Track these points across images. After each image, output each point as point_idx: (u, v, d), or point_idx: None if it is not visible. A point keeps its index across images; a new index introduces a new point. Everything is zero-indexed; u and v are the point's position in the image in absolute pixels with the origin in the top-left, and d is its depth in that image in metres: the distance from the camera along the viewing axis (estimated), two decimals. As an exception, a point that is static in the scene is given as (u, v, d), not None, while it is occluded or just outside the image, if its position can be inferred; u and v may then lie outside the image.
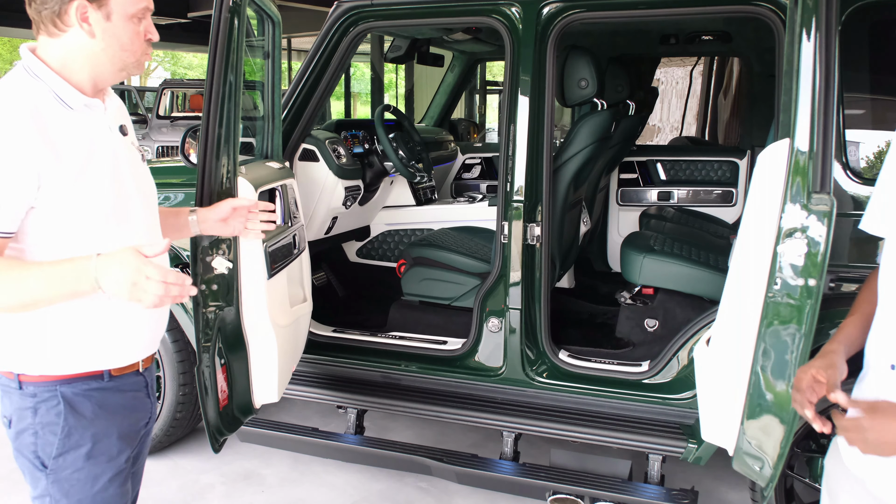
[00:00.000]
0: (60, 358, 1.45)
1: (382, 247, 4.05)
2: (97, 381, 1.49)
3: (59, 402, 1.44)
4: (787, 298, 1.84)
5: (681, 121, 7.37)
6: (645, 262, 2.98)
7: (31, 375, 1.44)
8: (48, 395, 1.44)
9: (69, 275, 1.29)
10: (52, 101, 1.39)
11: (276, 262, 2.45)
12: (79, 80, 1.44)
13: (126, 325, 1.52)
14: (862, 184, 2.15)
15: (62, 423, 1.45)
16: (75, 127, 1.41)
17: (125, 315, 1.50)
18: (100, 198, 1.42)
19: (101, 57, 1.44)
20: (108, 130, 1.48)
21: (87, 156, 1.40)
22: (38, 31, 1.43)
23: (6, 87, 1.38)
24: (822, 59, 1.81)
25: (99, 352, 1.49)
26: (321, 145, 3.38)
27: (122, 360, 1.53)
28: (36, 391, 1.44)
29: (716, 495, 2.94)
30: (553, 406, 2.73)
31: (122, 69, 1.47)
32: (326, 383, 2.96)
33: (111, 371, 1.51)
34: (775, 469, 1.94)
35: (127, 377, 1.55)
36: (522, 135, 2.60)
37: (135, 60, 1.48)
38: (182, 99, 13.00)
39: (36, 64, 1.42)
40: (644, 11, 2.52)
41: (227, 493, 2.96)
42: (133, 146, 1.58)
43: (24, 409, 1.45)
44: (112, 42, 1.43)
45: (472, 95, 10.54)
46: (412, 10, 2.77)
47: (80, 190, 1.38)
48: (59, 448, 1.45)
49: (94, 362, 1.49)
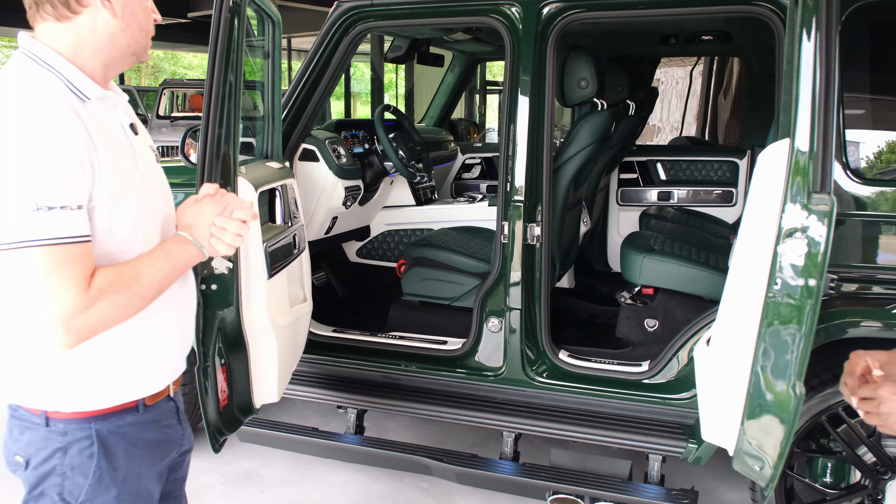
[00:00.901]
0: (95, 390, 1.32)
1: (382, 247, 4.05)
2: (132, 414, 1.38)
3: (92, 443, 1.32)
4: (788, 298, 1.84)
5: (681, 121, 7.37)
6: (645, 262, 2.98)
7: (62, 412, 1.30)
8: (81, 434, 1.32)
9: (174, 248, 1.32)
10: (67, 90, 1.24)
11: (276, 262, 2.45)
12: (91, 68, 1.30)
13: (157, 347, 1.41)
14: (862, 184, 2.15)
15: (94, 466, 1.33)
16: (96, 120, 1.27)
17: (159, 336, 1.41)
18: (133, 196, 1.30)
19: (120, 39, 1.31)
20: (120, 129, 1.36)
21: (113, 152, 1.28)
22: (42, 17, 1.27)
23: (20, 78, 1.22)
24: (822, 59, 1.81)
25: (133, 380, 1.38)
26: (321, 145, 3.38)
27: (155, 386, 1.42)
28: (67, 429, 1.31)
29: (716, 495, 2.94)
30: (553, 406, 2.73)
31: (135, 53, 1.35)
32: (326, 383, 2.96)
33: (145, 400, 1.40)
34: (775, 469, 1.94)
35: (160, 405, 1.45)
36: (522, 135, 2.60)
37: (146, 43, 1.37)
38: (182, 99, 13.01)
39: (45, 51, 1.26)
40: (644, 11, 2.52)
41: (227, 493, 2.96)
42: (147, 146, 1.46)
43: (50, 448, 1.31)
44: (131, 21, 1.31)
45: (472, 95, 10.55)
46: (412, 10, 2.77)
47: (116, 189, 1.26)
48: (87, 493, 1.33)
49: (129, 392, 1.37)
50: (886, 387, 1.15)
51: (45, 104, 1.19)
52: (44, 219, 1.14)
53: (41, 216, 1.14)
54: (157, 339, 1.40)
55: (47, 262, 1.15)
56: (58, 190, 1.15)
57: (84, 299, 1.18)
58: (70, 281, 1.17)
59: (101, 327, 1.22)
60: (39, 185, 1.14)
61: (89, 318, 1.19)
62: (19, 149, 1.14)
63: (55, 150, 1.16)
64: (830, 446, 2.36)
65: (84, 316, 1.18)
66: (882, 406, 1.14)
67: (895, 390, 1.14)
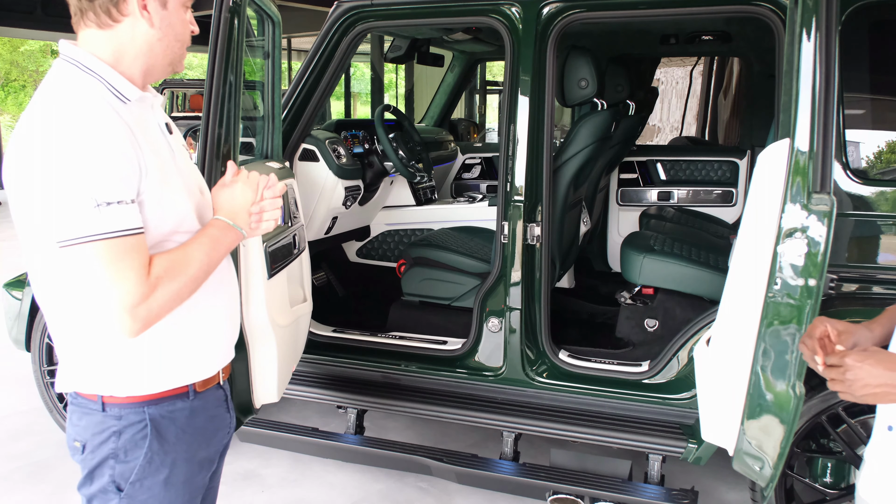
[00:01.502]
0: (148, 376, 1.38)
1: (382, 247, 4.05)
2: (183, 399, 1.44)
3: (146, 426, 1.39)
4: (787, 298, 1.84)
5: (681, 121, 7.37)
6: (645, 262, 2.98)
7: (117, 397, 1.37)
8: (135, 417, 1.38)
9: (217, 233, 1.38)
10: (109, 93, 1.30)
11: (276, 262, 2.45)
12: (131, 73, 1.35)
13: (207, 331, 1.47)
14: (862, 184, 2.15)
15: (146, 447, 1.39)
16: (137, 121, 1.33)
17: (206, 322, 1.46)
18: (175, 190, 1.35)
19: (157, 48, 1.36)
20: (158, 128, 1.41)
21: (155, 150, 1.33)
22: (85, 23, 1.32)
23: (64, 83, 1.28)
24: (822, 59, 1.81)
25: (185, 365, 1.43)
26: (321, 145, 3.38)
27: (206, 372, 1.48)
28: (122, 413, 1.38)
29: (716, 495, 2.94)
30: (553, 406, 2.73)
31: (171, 63, 1.40)
32: (326, 383, 2.96)
33: (195, 386, 1.46)
34: (775, 469, 1.94)
35: (210, 392, 1.51)
36: (522, 135, 2.60)
37: (181, 53, 1.41)
38: (182, 99, 12.99)
39: (86, 56, 1.31)
40: (644, 11, 2.52)
41: (227, 493, 2.96)
42: (182, 146, 1.51)
43: (106, 432, 1.38)
44: (168, 31, 1.36)
45: (472, 95, 10.55)
46: (412, 10, 2.77)
47: (161, 185, 1.31)
48: (138, 473, 1.39)
49: (181, 377, 1.43)
50: (853, 355, 1.21)
51: (90, 106, 1.24)
52: (104, 214, 1.20)
53: (101, 212, 1.20)
54: (205, 325, 1.46)
55: (110, 254, 1.22)
56: (113, 186, 1.21)
57: (145, 287, 1.24)
58: (131, 271, 1.23)
59: (163, 312, 1.29)
60: (97, 183, 1.20)
61: (151, 304, 1.26)
62: (73, 149, 1.19)
63: (106, 149, 1.21)
64: (830, 446, 2.36)
65: (147, 303, 1.25)
66: (847, 373, 1.21)
67: (861, 358, 1.20)
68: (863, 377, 1.19)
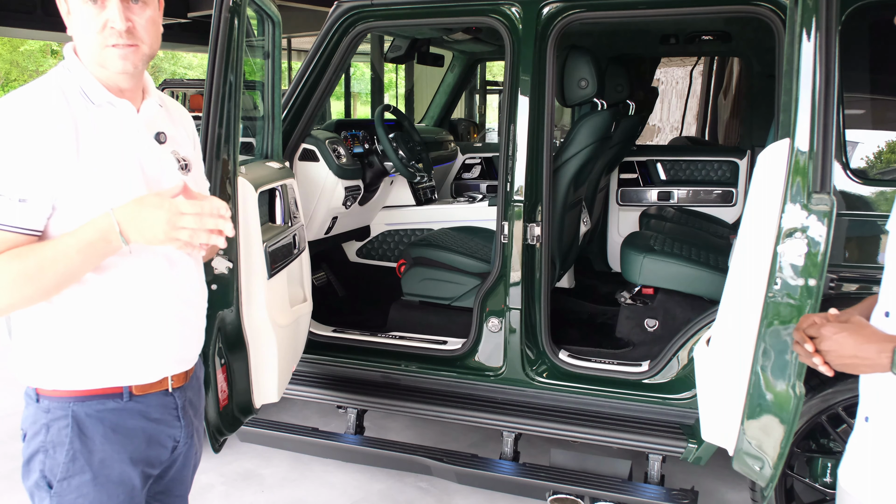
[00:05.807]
0: (75, 372, 1.34)
1: (382, 247, 4.05)
2: (115, 400, 1.38)
3: (68, 424, 1.35)
4: (787, 298, 1.84)
5: (681, 121, 7.37)
6: (645, 262, 2.98)
7: (46, 389, 1.35)
8: (60, 413, 1.35)
9: (92, 235, 1.23)
10: (78, 94, 1.31)
11: (276, 262, 2.45)
12: (97, 74, 1.33)
13: (151, 335, 1.39)
14: (862, 184, 2.15)
15: (68, 445, 1.35)
16: (100, 125, 1.31)
17: (146, 326, 1.39)
18: (123, 198, 1.28)
19: (80, 49, 1.33)
20: (135, 134, 1.36)
21: (109, 157, 1.30)
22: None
23: (41, 78, 1.32)
24: (822, 59, 1.81)
25: (119, 366, 1.37)
26: (321, 145, 3.38)
27: (145, 377, 1.41)
28: (50, 406, 1.35)
29: (716, 495, 2.94)
30: (553, 406, 2.73)
31: (102, 64, 1.31)
32: (326, 383, 2.96)
33: (133, 389, 1.39)
34: (775, 469, 1.94)
35: (153, 397, 1.43)
36: (522, 135, 2.60)
37: (105, 55, 1.30)
38: (182, 99, 12.99)
39: (70, 57, 1.34)
40: (644, 11, 2.52)
41: (227, 493, 2.96)
42: (172, 155, 1.44)
43: (38, 424, 1.36)
44: (76, 30, 1.32)
45: (472, 95, 10.53)
46: (412, 10, 2.77)
47: (100, 194, 1.27)
48: (63, 471, 1.35)
49: (113, 377, 1.37)
50: (829, 326, 1.25)
51: (31, 103, 1.25)
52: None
53: None
54: (143, 329, 1.39)
55: None
56: (6, 180, 1.21)
57: None
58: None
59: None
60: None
61: None
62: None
63: (18, 146, 1.22)
64: (830, 446, 2.36)
65: None
66: (823, 343, 1.24)
67: (836, 329, 1.24)
68: (835, 348, 1.23)
